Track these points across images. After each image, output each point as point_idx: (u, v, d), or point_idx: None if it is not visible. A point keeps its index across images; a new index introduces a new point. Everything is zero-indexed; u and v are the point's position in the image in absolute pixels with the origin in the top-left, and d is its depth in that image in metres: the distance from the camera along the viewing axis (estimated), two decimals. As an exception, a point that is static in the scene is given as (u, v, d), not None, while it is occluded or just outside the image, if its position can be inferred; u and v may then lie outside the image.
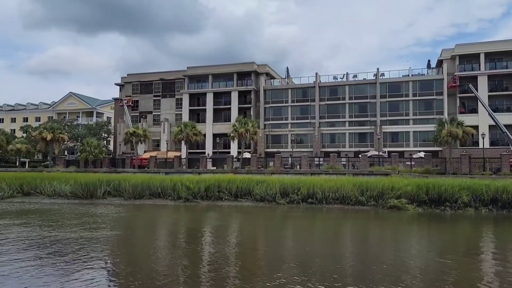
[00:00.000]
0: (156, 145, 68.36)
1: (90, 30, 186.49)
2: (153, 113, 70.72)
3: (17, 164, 64.12)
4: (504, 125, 43.55)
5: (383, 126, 57.68)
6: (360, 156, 45.36)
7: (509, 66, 53.22)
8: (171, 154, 55.98)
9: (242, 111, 63.37)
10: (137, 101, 71.68)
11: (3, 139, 59.78)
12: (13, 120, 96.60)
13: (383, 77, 59.52)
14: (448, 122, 41.19)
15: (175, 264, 12.88)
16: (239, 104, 64.09)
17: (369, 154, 49.05)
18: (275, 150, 59.33)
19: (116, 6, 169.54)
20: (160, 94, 70.62)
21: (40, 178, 34.79)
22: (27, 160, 69.28)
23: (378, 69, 59.57)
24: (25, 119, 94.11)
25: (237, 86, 64.75)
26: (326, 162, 44.77)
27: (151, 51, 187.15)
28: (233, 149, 58.93)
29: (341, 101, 60.45)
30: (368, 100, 59.15)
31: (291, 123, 62.41)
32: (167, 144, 60.71)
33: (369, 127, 58.59)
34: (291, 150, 56.51)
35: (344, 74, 61.91)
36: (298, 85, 64.01)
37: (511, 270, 12.30)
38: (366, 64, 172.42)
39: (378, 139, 54.10)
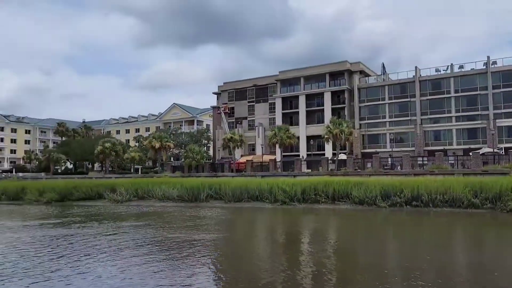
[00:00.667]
0: (252, 149, 70.34)
1: (191, 45, 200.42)
2: (248, 119, 72.96)
3: (132, 170, 71.35)
4: None
5: (497, 120, 51.57)
6: (470, 154, 41.15)
7: None
8: (266, 158, 57.06)
9: (336, 112, 61.99)
10: (233, 107, 74.67)
11: (120, 148, 66.94)
12: (127, 131, 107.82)
13: (495, 65, 53.27)
14: None
15: (275, 266, 13.01)
16: (332, 104, 62.83)
17: (481, 151, 44.23)
18: (372, 150, 56.84)
19: (212, 20, 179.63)
20: (254, 99, 72.60)
21: (151, 183, 38.13)
22: (139, 166, 76.69)
23: (488, 57, 53.55)
24: (137, 130, 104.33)
25: (329, 86, 63.61)
26: (431, 162, 41.47)
27: (245, 58, 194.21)
28: (328, 151, 57.91)
29: (445, 95, 55.60)
30: (478, 92, 53.44)
31: (389, 121, 59.23)
32: (262, 148, 62.09)
33: (480, 122, 52.89)
34: (390, 150, 53.58)
35: (447, 66, 56.89)
36: (395, 81, 60.54)
37: None
38: (472, 53, 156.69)
39: (492, 134, 48.50)
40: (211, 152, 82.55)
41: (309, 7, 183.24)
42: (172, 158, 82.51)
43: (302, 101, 65.35)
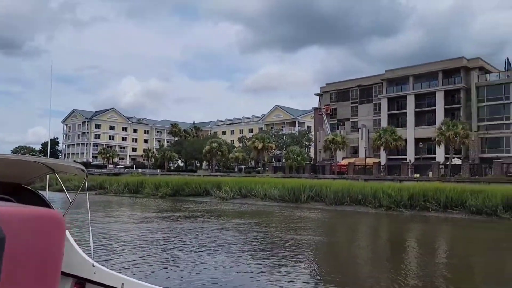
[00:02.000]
0: (354, 151, 68.23)
1: (293, 47, 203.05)
2: (351, 120, 70.96)
3: (236, 170, 74.76)
4: None
5: None
6: None
7: None
8: (370, 161, 54.87)
9: (449, 113, 56.80)
10: (335, 109, 73.37)
11: (225, 148, 70.73)
12: (232, 132, 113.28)
13: None
14: None
15: (379, 274, 12.47)
16: (445, 105, 57.73)
17: None
18: (493, 155, 50.68)
19: (316, 21, 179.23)
20: (358, 100, 70.33)
21: (254, 182, 39.44)
22: (243, 166, 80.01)
23: None
24: (241, 131, 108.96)
25: (442, 85, 58.55)
26: None
27: (349, 59, 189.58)
28: (439, 155, 53.32)
29: None
30: None
31: (514, 123, 52.31)
32: (365, 150, 59.87)
33: None
34: (515, 155, 47.31)
35: None
36: (523, 77, 53.27)
37: None
38: None
39: None
40: (311, 154, 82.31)
41: (421, 2, 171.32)
42: (273, 159, 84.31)
43: (410, 101, 61.34)
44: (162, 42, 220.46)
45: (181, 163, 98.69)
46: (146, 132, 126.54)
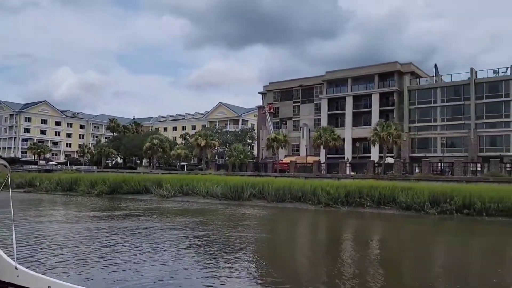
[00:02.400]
0: (296, 150, 69.94)
1: (238, 45, 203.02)
2: (293, 119, 72.63)
3: (178, 167, 73.38)
4: None
5: (562, 126, 47.83)
6: (530, 161, 38.47)
7: None
8: (310, 159, 56.55)
9: (384, 114, 60.19)
10: (278, 108, 74.64)
11: (167, 145, 69.13)
12: (174, 128, 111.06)
13: (562, 67, 49.41)
14: None
15: (317, 269, 12.89)
16: (380, 106, 61.09)
17: (543, 159, 41.21)
18: (421, 154, 54.53)
19: (260, 20, 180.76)
20: (300, 100, 72.13)
21: (196, 180, 39.00)
22: (185, 163, 78.76)
23: (554, 57, 49.77)
24: (184, 128, 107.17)
25: (378, 88, 61.88)
26: (485, 169, 39.25)
27: (292, 59, 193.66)
28: (374, 154, 56.33)
29: (503, 99, 52.29)
30: (541, 96, 49.83)
31: (440, 125, 56.63)
32: (306, 149, 61.59)
33: (542, 128, 49.29)
34: (441, 154, 51.20)
35: (507, 68, 53.50)
36: (449, 83, 57.76)
37: None
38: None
39: (556, 141, 45.06)
40: (255, 152, 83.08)
41: (361, 7, 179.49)
42: (216, 156, 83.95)
43: (349, 102, 64.09)
44: (101, 32, 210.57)
45: (119, 160, 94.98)
46: (82, 127, 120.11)
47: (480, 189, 26.83)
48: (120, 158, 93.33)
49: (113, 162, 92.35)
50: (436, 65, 64.31)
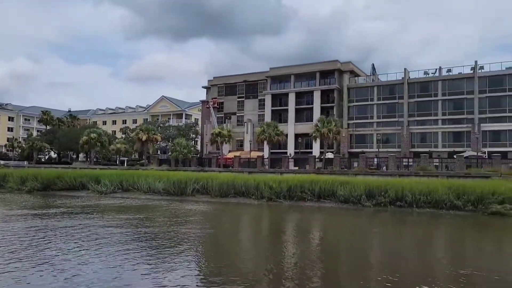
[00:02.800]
0: (240, 145, 70.25)
1: (182, 38, 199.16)
2: (237, 114, 72.80)
3: (117, 162, 70.58)
4: None
5: (482, 124, 52.51)
6: (455, 157, 41.86)
7: None
8: (254, 154, 57.11)
9: (325, 111, 62.30)
10: (222, 102, 74.37)
11: (106, 140, 66.17)
12: (114, 122, 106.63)
13: (483, 70, 54.17)
14: None
15: (260, 262, 13.04)
16: (321, 103, 63.13)
17: (465, 154, 45.00)
18: (359, 150, 57.30)
19: (205, 14, 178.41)
20: (244, 95, 72.44)
21: (137, 175, 37.69)
22: (125, 158, 75.96)
23: (476, 62, 54.47)
24: (124, 121, 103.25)
25: (319, 85, 63.84)
26: (416, 163, 42.06)
27: (237, 54, 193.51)
28: (315, 149, 58.21)
29: (433, 98, 56.36)
30: (465, 96, 54.31)
31: (376, 122, 59.79)
32: (250, 144, 62.09)
33: (465, 126, 53.77)
34: (376, 150, 54.13)
35: (436, 69, 57.68)
36: (384, 82, 61.11)
37: None
38: (462, 58, 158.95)
39: (477, 138, 49.40)
40: (198, 147, 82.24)
41: (303, 6, 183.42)
42: (159, 151, 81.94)
43: (291, 98, 65.45)
44: (33, 18, 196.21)
45: (53, 155, 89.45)
46: (10, 119, 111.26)
47: (411, 182, 28.62)
48: (54, 152, 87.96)
49: (46, 157, 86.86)
50: (373, 65, 67.71)
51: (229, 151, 65.97)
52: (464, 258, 14.63)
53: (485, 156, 45.36)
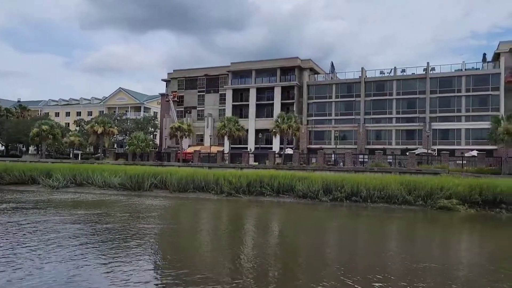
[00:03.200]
0: (200, 139, 69.65)
1: (141, 29, 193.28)
2: (198, 108, 72.05)
3: (71, 156, 67.72)
4: None
5: (432, 123, 55.23)
6: (407, 154, 43.78)
7: None
8: (214, 149, 56.84)
9: (285, 107, 63.03)
10: (182, 96, 73.29)
11: (58, 132, 63.25)
12: (68, 114, 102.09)
13: (434, 71, 56.90)
14: (504, 119, 38.71)
15: (219, 257, 13.03)
16: (282, 99, 63.80)
17: (417, 152, 47.19)
18: (318, 146, 58.53)
19: (165, 5, 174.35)
20: (205, 89, 71.77)
21: (91, 169, 36.44)
22: (80, 152, 73.02)
23: (428, 63, 57.06)
24: (79, 113, 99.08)
25: (280, 81, 64.45)
26: (371, 160, 43.61)
27: (198, 47, 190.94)
28: (275, 145, 58.83)
29: (388, 97, 58.51)
30: (417, 96, 56.82)
31: (335, 119, 61.28)
32: (210, 139, 61.68)
33: (417, 124, 56.31)
34: (334, 146, 55.54)
35: (391, 69, 59.86)
36: (342, 80, 62.66)
37: None
38: (417, 59, 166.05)
39: (427, 136, 51.91)
40: (157, 141, 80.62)
41: (266, 2, 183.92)
42: (115, 145, 79.51)
43: (252, 94, 65.64)
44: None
45: (1, 147, 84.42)
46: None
47: (366, 178, 29.64)
48: (2, 145, 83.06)
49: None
50: (332, 63, 69.27)
51: (189, 146, 65.25)
52: (413, 251, 15.38)
53: (435, 154, 47.79)
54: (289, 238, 17.28)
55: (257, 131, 62.56)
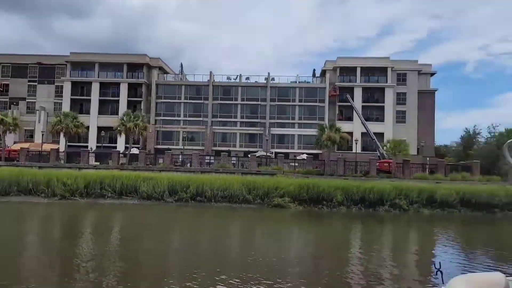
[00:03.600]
0: (30, 135, 61.14)
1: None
2: (27, 100, 63.08)
3: None
4: (373, 133, 49.47)
5: (271, 128, 60.44)
6: (249, 156, 46.82)
7: (380, 80, 60.36)
8: (47, 147, 50.58)
9: (132, 105, 60.36)
10: (7, 85, 63.13)
11: None
12: None
13: (273, 81, 62.39)
14: (327, 128, 44.89)
15: (45, 269, 11.67)
16: (128, 97, 60.88)
17: (257, 154, 50.94)
18: (165, 147, 57.75)
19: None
20: (37, 79, 63.32)
21: None
22: None
23: (269, 73, 62.32)
24: None
25: (127, 78, 61.42)
26: (217, 161, 45.19)
27: (30, 31, 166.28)
28: (120, 144, 55.73)
29: (233, 102, 61.61)
30: (259, 103, 61.39)
31: (183, 120, 61.50)
32: (42, 135, 54.69)
33: (258, 129, 60.82)
34: (182, 147, 55.68)
35: (237, 76, 63.30)
36: (192, 82, 63.39)
37: (373, 259, 13.95)
38: (260, 67, 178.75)
39: (267, 140, 56.55)
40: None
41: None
42: None
43: (95, 88, 60.87)
44: None
45: None
46: None
47: (211, 179, 30.67)
48: None
49: None
50: (181, 64, 69.37)
51: (15, 142, 56.55)
52: (250, 245, 16.59)
53: (272, 156, 52.41)
54: (128, 244, 16.61)
55: (100, 129, 58.19)
